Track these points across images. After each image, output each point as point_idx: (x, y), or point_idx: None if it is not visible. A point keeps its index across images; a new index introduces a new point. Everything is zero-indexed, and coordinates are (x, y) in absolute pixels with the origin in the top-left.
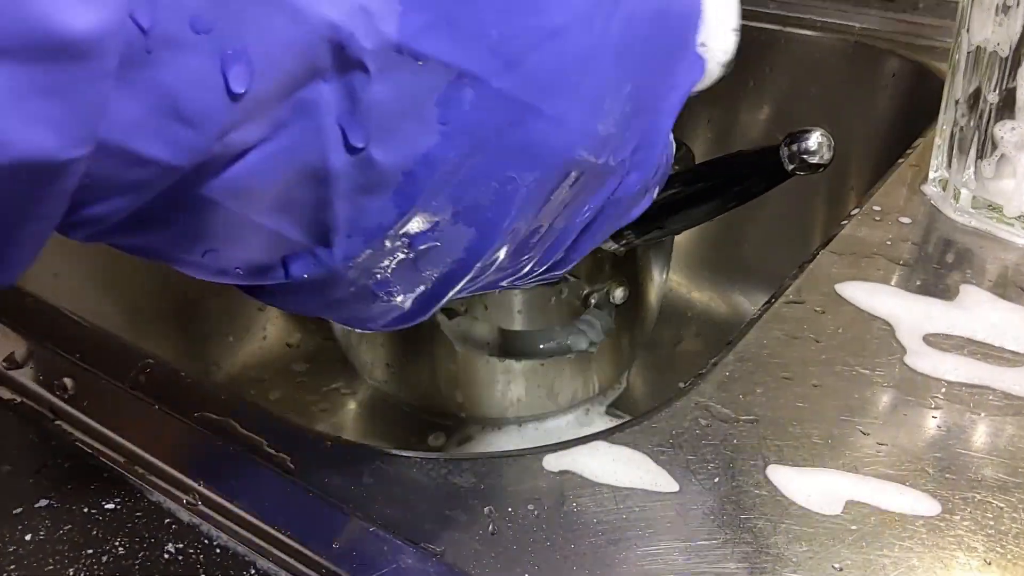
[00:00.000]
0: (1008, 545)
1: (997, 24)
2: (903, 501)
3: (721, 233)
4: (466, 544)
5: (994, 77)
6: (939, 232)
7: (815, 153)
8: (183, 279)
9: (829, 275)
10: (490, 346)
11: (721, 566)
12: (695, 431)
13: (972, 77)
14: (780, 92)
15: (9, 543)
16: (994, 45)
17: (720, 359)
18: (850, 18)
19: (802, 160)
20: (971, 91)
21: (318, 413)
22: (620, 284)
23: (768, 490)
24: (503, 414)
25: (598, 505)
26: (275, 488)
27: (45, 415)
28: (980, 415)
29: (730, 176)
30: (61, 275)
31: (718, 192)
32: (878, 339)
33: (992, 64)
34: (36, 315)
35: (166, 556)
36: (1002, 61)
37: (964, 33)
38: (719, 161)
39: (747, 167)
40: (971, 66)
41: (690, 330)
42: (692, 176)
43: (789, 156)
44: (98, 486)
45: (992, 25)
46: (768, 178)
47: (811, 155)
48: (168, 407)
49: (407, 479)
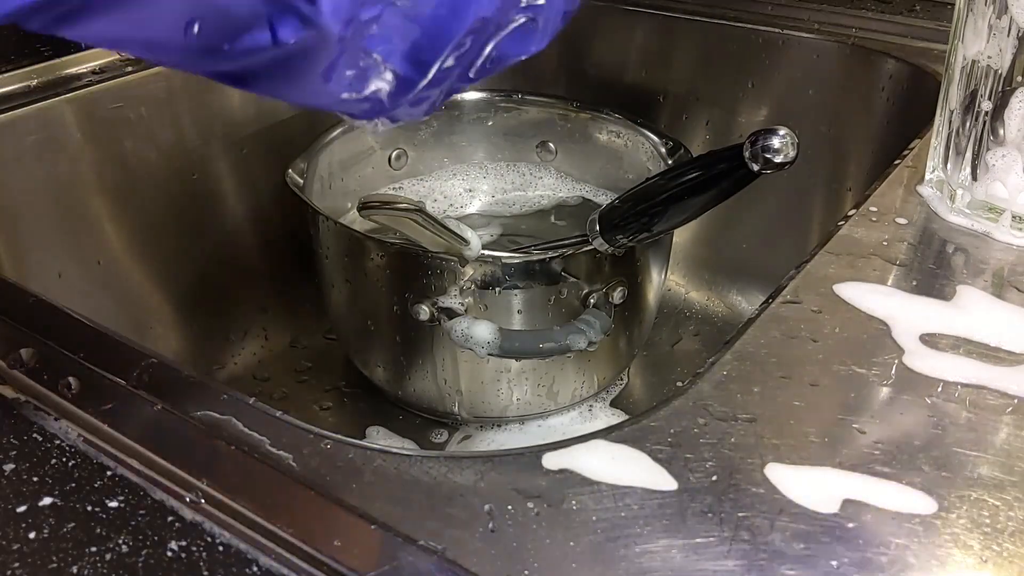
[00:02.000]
0: (1004, 543)
1: (991, 37)
2: (899, 499)
3: (719, 234)
4: (466, 542)
5: (988, 86)
6: (935, 233)
7: (779, 151)
8: (185, 279)
9: (826, 275)
10: (490, 346)
11: (719, 563)
12: (693, 430)
13: (967, 84)
14: (778, 94)
15: (13, 541)
16: (987, 59)
17: (718, 359)
18: (847, 21)
19: (766, 159)
20: (966, 96)
21: (320, 412)
22: (619, 284)
23: (766, 488)
24: (503, 413)
25: (597, 503)
26: (277, 486)
27: (49, 414)
28: (976, 414)
29: (702, 177)
30: (65, 275)
31: (695, 192)
32: (875, 339)
33: (987, 75)
34: (40, 315)
35: (169, 554)
36: (995, 73)
37: (959, 45)
38: (691, 162)
39: (715, 167)
40: (965, 77)
41: (688, 330)
42: (668, 178)
43: (752, 155)
44: (101, 484)
45: (985, 39)
46: (737, 178)
47: (775, 153)
48: (171, 406)
49: (408, 477)
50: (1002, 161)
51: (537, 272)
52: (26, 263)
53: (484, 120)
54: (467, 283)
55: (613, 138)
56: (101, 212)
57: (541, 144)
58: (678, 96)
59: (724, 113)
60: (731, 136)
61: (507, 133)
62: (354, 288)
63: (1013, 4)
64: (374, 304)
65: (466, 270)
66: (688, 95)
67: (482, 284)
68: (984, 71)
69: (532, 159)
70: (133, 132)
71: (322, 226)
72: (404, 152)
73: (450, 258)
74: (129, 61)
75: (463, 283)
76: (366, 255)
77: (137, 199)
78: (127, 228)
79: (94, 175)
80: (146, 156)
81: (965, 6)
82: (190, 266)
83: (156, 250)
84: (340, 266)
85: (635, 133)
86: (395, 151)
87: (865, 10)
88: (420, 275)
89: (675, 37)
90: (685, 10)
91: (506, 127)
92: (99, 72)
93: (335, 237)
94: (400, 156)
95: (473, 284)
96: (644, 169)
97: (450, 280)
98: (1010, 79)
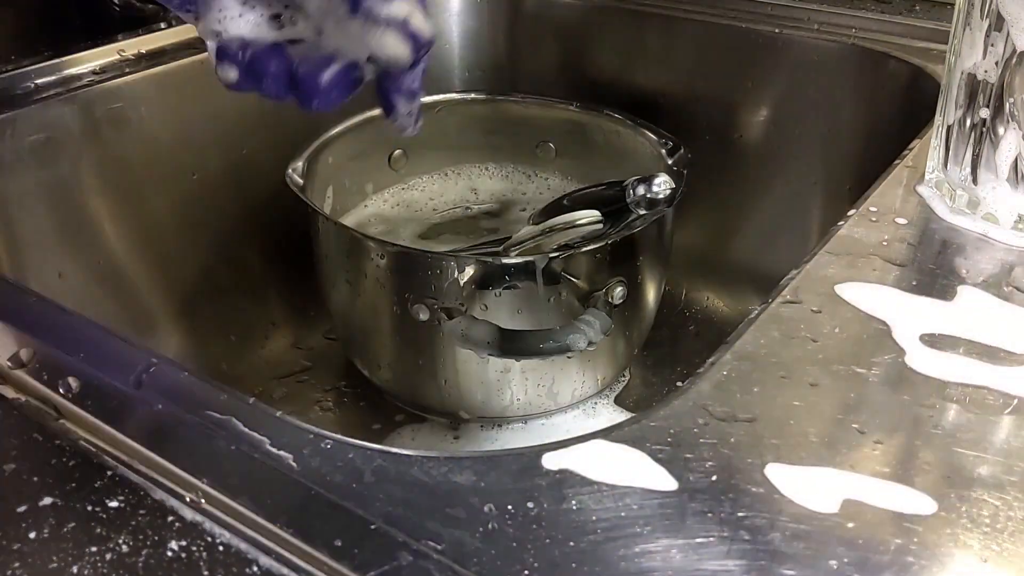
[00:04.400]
0: (1004, 543)
1: (987, 48)
2: (899, 499)
3: (719, 234)
4: (466, 542)
5: (986, 94)
6: (935, 233)
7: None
8: (185, 279)
9: (826, 275)
10: (490, 346)
11: (719, 563)
12: (693, 430)
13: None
14: (778, 94)
15: (13, 541)
16: (983, 73)
17: (718, 359)
18: (847, 20)
19: (649, 200)
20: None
21: (320, 412)
22: (619, 284)
23: (766, 488)
24: (503, 413)
25: (597, 503)
26: (277, 486)
27: (49, 414)
28: (976, 414)
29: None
30: (65, 275)
31: None
32: (875, 339)
33: (985, 88)
34: (40, 314)
35: (169, 554)
36: (991, 87)
37: (955, 59)
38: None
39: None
40: (964, 85)
41: (688, 330)
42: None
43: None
44: (102, 484)
45: (981, 53)
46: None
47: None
48: (171, 406)
49: (408, 477)
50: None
51: (537, 272)
52: (26, 263)
53: (484, 120)
54: (467, 283)
55: (613, 138)
56: (101, 212)
57: (541, 144)
58: (678, 96)
59: (724, 113)
60: (730, 136)
61: (507, 133)
62: (354, 288)
63: (1012, 25)
64: (374, 304)
65: (466, 270)
66: (688, 95)
67: (482, 284)
68: (982, 85)
69: (532, 159)
70: (133, 132)
71: (322, 226)
72: (404, 152)
73: (450, 258)
74: (129, 61)
75: (463, 283)
76: (366, 255)
77: (137, 199)
78: (127, 228)
79: (94, 175)
80: (146, 156)
81: (963, 21)
82: (190, 266)
83: (156, 250)
84: (340, 266)
85: (635, 133)
86: (395, 151)
87: (865, 10)
88: (420, 275)
89: (675, 37)
90: (685, 10)
91: (506, 127)
92: (99, 72)
93: (335, 237)
94: (400, 156)
95: (473, 284)
96: (644, 169)
97: (450, 280)
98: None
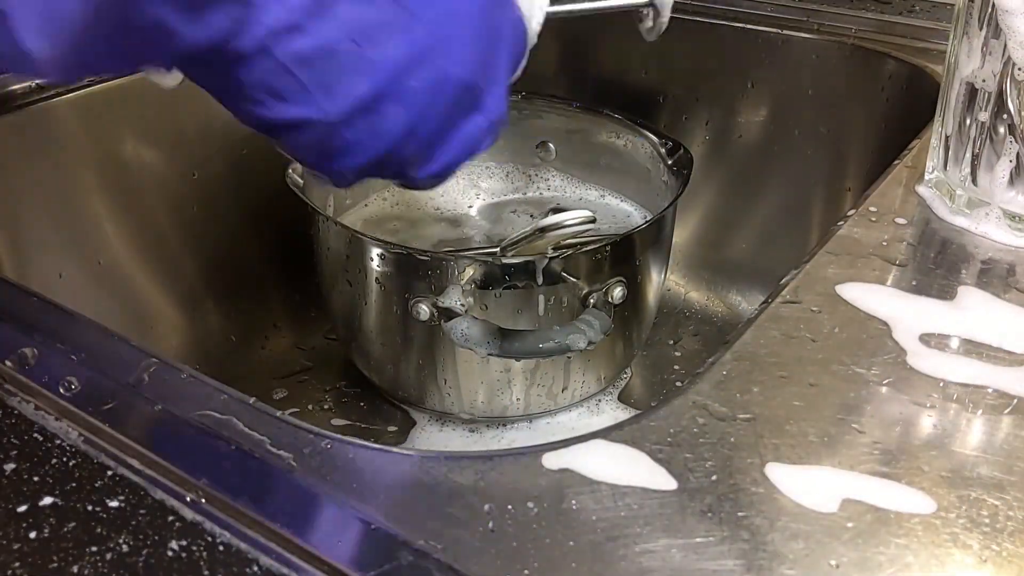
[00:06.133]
0: (1003, 543)
1: (985, 61)
2: (899, 499)
3: (719, 234)
4: (466, 541)
5: (984, 100)
6: (935, 233)
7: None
8: (185, 279)
9: (826, 275)
10: (490, 346)
11: (718, 563)
12: (693, 430)
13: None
14: (778, 94)
15: (13, 541)
16: (980, 82)
17: (718, 358)
18: (847, 21)
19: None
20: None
21: (320, 412)
22: (619, 284)
23: (765, 488)
24: (503, 413)
25: (597, 503)
26: (278, 486)
27: (49, 413)
28: (976, 414)
29: None
30: (66, 275)
31: None
32: (875, 339)
33: (984, 97)
34: (41, 315)
35: (169, 553)
36: (989, 94)
37: (953, 68)
38: None
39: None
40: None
41: (688, 330)
42: None
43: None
44: (102, 484)
45: (977, 62)
46: None
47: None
48: (171, 406)
49: (408, 477)
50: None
51: (537, 272)
52: (27, 263)
53: None
54: (467, 283)
55: (613, 138)
56: (102, 212)
57: (541, 144)
58: (678, 96)
59: (724, 113)
60: (730, 136)
61: (507, 133)
62: (354, 288)
63: (1009, 39)
64: (374, 304)
65: (466, 270)
66: (688, 95)
67: (482, 284)
68: (980, 92)
69: (532, 159)
70: (133, 132)
71: (322, 226)
72: None
73: (450, 258)
74: None
75: (463, 283)
76: (366, 255)
77: (137, 199)
78: (128, 228)
79: (94, 175)
80: (146, 156)
81: (961, 29)
82: (190, 266)
83: (157, 250)
84: (340, 266)
85: (635, 133)
86: None
87: (865, 10)
88: (420, 275)
89: (675, 37)
90: (685, 10)
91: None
92: None
93: (335, 237)
94: None
95: (473, 284)
96: (644, 169)
97: (450, 280)
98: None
